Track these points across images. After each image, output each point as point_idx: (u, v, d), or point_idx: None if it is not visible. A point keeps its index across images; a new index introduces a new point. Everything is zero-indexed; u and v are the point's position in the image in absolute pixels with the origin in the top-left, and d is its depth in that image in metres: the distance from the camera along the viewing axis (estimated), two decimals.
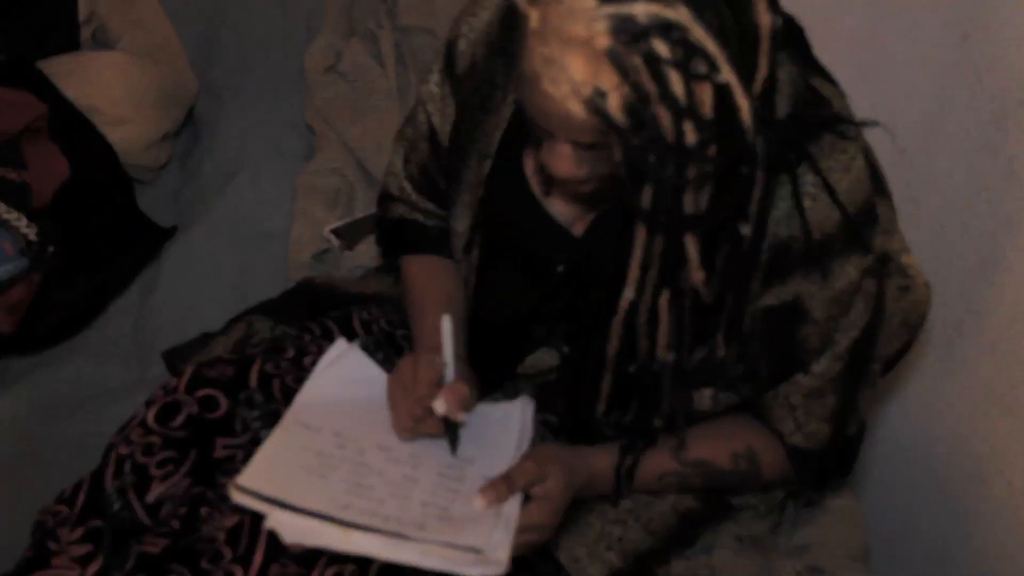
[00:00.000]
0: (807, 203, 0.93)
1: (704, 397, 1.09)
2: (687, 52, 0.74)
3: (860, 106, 1.06)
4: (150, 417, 1.11)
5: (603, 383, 1.01)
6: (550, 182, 1.06)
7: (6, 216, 1.44)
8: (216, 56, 1.97)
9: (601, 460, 1.08)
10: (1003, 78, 1.18)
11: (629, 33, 0.73)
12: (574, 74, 0.76)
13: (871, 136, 1.04)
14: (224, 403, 1.12)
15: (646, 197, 0.81)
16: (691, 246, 0.85)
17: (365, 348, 1.19)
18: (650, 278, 0.88)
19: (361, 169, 1.71)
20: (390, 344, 1.27)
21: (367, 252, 1.58)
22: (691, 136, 0.77)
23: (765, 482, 1.13)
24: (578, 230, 1.09)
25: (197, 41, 1.95)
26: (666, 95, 0.75)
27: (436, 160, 1.19)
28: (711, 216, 0.84)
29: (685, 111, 0.76)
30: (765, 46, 0.79)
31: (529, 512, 0.99)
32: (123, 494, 1.09)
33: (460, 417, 1.03)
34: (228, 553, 1.01)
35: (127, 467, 1.09)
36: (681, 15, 0.73)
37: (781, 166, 0.92)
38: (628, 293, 0.89)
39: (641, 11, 0.72)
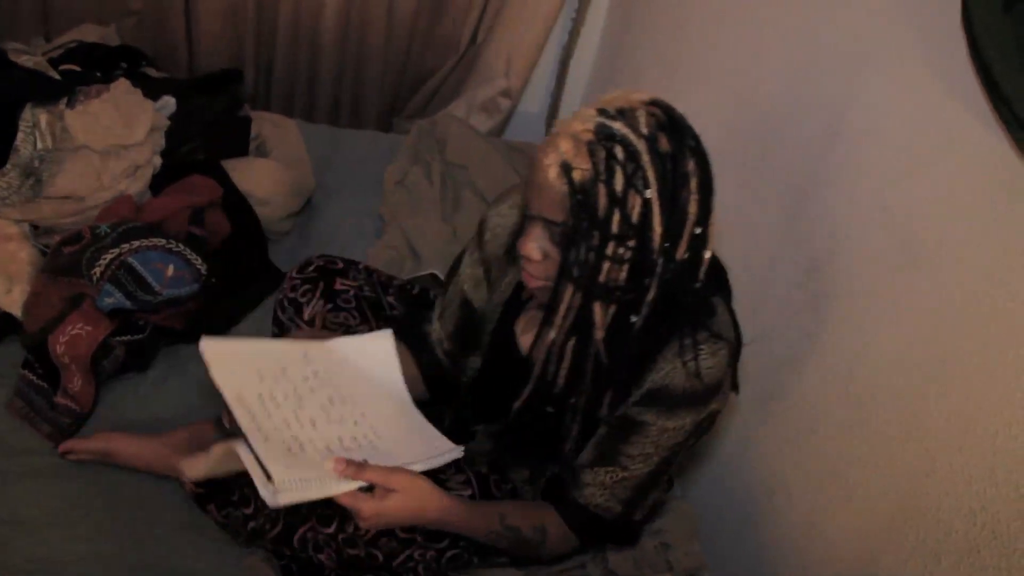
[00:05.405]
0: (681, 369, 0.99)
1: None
2: (635, 166, 0.81)
3: (733, 264, 1.18)
4: (293, 271, 1.33)
5: (524, 390, 1.05)
6: (525, 299, 1.12)
7: (191, 258, 1.60)
8: (329, 167, 2.17)
9: (451, 502, 1.02)
10: (814, 245, 1.39)
11: (605, 135, 0.83)
12: (560, 148, 0.84)
13: (731, 262, 1.16)
14: (341, 263, 1.33)
15: (576, 259, 0.85)
16: (598, 310, 0.89)
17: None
18: (566, 323, 0.92)
19: (410, 248, 1.89)
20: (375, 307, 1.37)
21: None
22: (616, 224, 0.82)
23: (548, 550, 1.12)
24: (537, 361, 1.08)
25: (319, 156, 2.16)
26: (608, 182, 0.82)
27: (469, 321, 1.22)
28: (615, 294, 0.88)
29: (617, 202, 0.82)
30: (687, 231, 0.83)
31: (360, 499, 0.93)
32: (291, 319, 1.31)
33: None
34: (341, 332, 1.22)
35: (286, 303, 1.31)
36: (640, 145, 0.82)
37: (671, 315, 0.94)
38: (551, 333, 0.94)
39: (618, 127, 0.83)
